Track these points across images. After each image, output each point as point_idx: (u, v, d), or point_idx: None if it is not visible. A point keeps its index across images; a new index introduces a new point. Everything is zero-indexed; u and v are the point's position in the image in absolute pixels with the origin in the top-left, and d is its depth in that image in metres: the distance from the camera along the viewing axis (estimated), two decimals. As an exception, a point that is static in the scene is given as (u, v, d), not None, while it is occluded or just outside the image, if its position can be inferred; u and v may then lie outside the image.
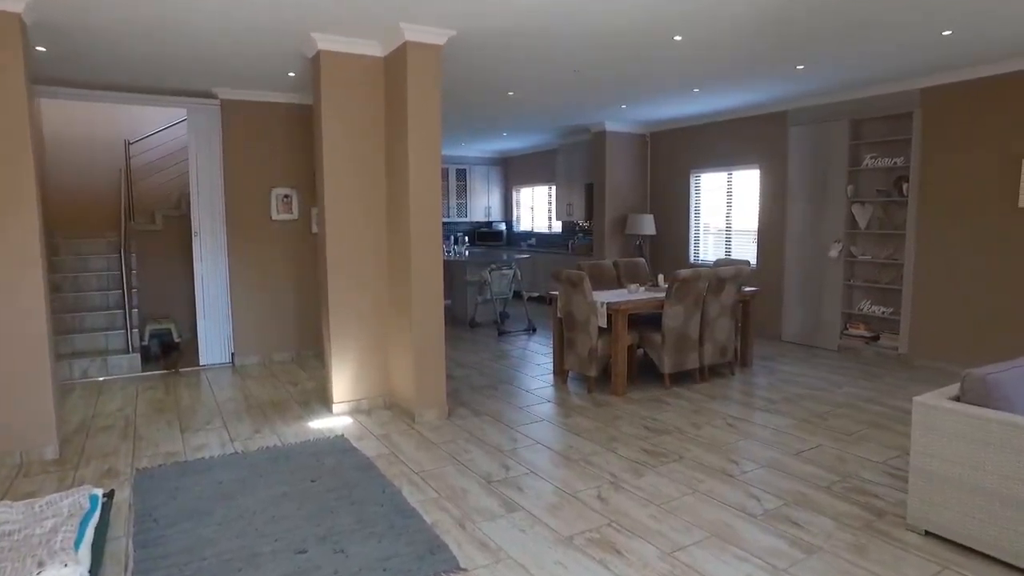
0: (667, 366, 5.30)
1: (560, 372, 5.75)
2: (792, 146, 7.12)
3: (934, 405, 2.86)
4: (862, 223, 6.58)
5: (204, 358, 6.44)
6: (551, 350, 6.63)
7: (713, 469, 3.69)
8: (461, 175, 12.29)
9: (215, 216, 6.36)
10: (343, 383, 4.88)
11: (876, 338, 6.57)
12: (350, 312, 4.86)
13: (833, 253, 6.70)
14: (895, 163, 6.23)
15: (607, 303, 5.10)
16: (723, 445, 4.08)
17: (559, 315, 5.58)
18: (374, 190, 4.87)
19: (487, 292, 8.23)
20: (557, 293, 5.56)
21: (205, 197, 6.32)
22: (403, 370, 4.77)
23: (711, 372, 5.84)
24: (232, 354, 6.48)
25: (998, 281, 5.64)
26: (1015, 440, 2.62)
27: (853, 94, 6.50)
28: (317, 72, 4.66)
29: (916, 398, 2.91)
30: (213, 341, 6.47)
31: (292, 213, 6.62)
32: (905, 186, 6.18)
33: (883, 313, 6.46)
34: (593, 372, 5.23)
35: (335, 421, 4.67)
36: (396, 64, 4.55)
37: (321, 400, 5.18)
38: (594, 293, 5.58)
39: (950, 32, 4.61)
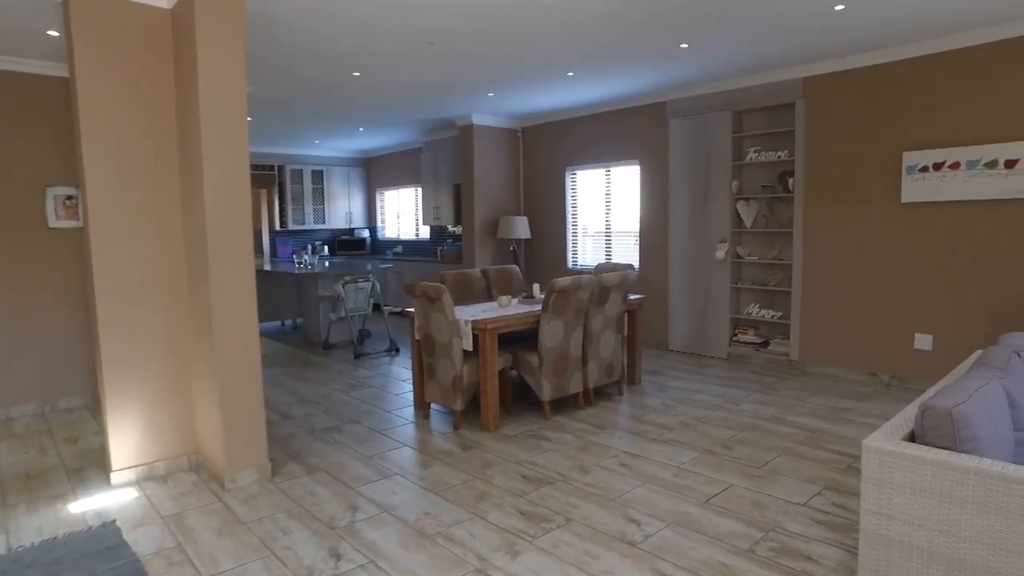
0: (546, 392, 4.47)
1: (421, 405, 4.78)
2: (673, 140, 6.59)
3: (891, 451, 2.17)
4: (748, 221, 6.12)
5: (-48, 411, 4.88)
6: (414, 376, 5.66)
7: (609, 535, 2.87)
8: (317, 177, 11.01)
9: (-37, 224, 4.84)
10: (128, 442, 3.64)
11: (766, 344, 6.13)
12: (135, 344, 3.63)
13: (719, 254, 6.20)
14: (779, 156, 5.80)
15: (472, 320, 4.20)
16: (618, 496, 3.28)
17: (417, 337, 4.62)
18: (162, 185, 3.68)
19: (341, 308, 7.11)
20: (413, 310, 4.59)
21: (-53, 199, 4.79)
22: (210, 420, 3.62)
23: (597, 395, 5.10)
24: (-5, 403, 4.97)
25: (884, 280, 5.32)
26: (1002, 497, 1.97)
27: (734, 83, 6.04)
28: (67, 22, 3.41)
29: (867, 442, 2.22)
30: (-33, 387, 4.92)
31: (79, 219, 5.21)
32: (790, 181, 5.76)
33: (772, 317, 6.02)
34: (458, 405, 4.31)
35: (112, 498, 3.43)
36: (184, 17, 3.42)
37: (103, 465, 3.90)
38: (459, 309, 4.68)
39: (843, 7, 4.13)
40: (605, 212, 7.64)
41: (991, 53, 4.69)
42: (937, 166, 4.98)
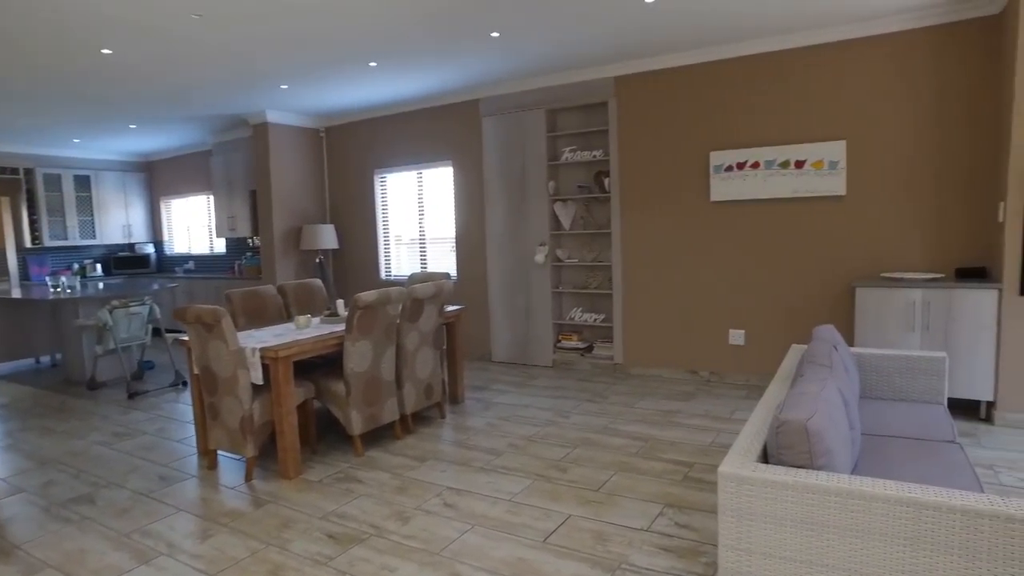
0: (356, 425, 3.86)
1: (206, 453, 3.94)
2: (487, 139, 6.25)
3: (748, 477, 1.88)
4: (566, 223, 5.94)
5: None
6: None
7: (433, 605, 2.36)
8: (82, 184, 9.32)
9: None
10: None
11: (590, 349, 5.98)
12: None
13: (539, 258, 5.94)
14: (595, 156, 5.67)
15: (261, 348, 3.48)
16: (444, 547, 2.78)
17: (195, 371, 3.79)
18: None
19: (109, 339, 5.91)
20: (188, 339, 3.76)
21: None
22: None
23: (416, 420, 4.57)
24: None
25: (698, 278, 5.37)
26: (861, 517, 1.75)
27: (548, 81, 5.83)
28: None
29: (722, 469, 1.92)
30: None
31: None
32: (606, 181, 5.66)
33: (595, 321, 5.87)
34: (250, 451, 3.55)
35: None
36: None
37: None
38: (247, 334, 3.92)
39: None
40: (419, 217, 7.14)
41: (785, 59, 4.86)
42: (740, 166, 5.10)
